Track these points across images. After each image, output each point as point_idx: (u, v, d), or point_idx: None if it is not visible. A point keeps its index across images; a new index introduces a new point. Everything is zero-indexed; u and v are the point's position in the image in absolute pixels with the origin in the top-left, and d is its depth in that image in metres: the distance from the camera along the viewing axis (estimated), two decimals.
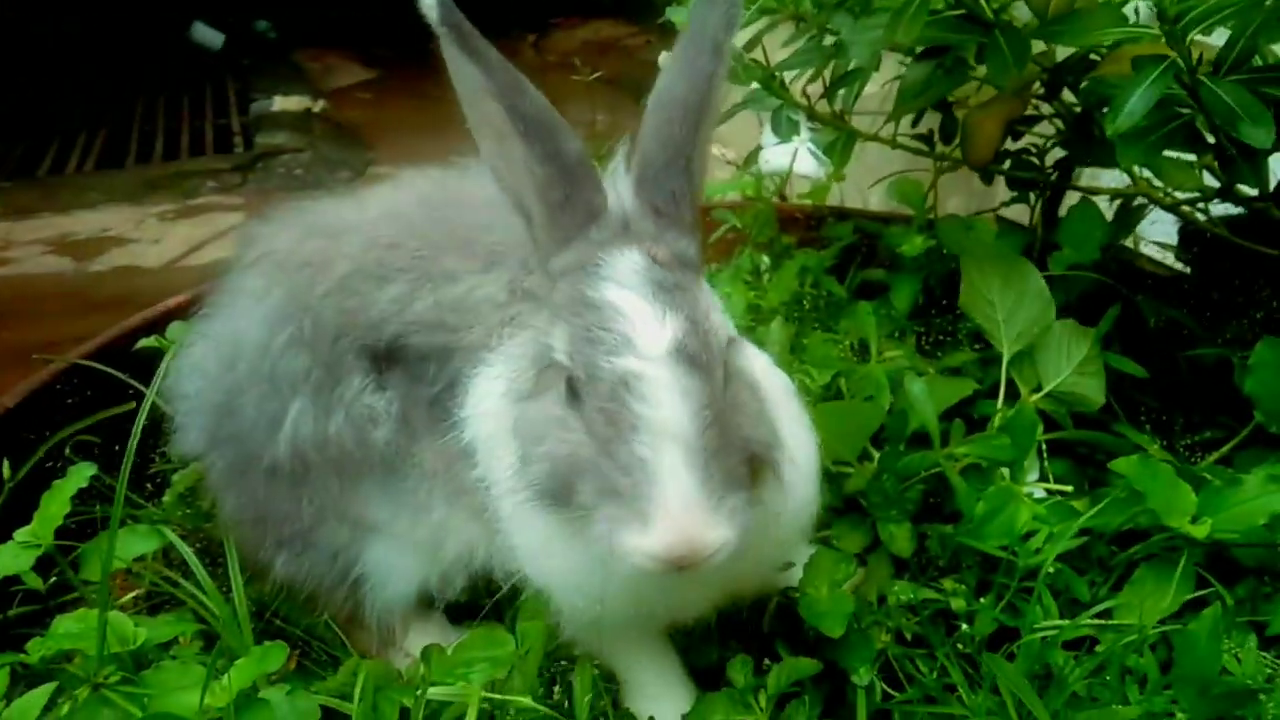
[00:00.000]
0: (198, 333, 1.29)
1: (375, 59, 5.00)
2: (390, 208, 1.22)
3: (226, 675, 1.00)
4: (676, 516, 0.82)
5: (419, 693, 1.05)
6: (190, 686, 0.94)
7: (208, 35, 4.65)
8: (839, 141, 1.71)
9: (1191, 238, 1.75)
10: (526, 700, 1.06)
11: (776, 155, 1.62)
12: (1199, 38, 1.37)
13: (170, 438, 1.28)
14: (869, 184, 1.94)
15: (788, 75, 1.71)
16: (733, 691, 1.04)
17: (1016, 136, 1.80)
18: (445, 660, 1.10)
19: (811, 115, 1.75)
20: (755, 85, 1.66)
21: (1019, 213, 1.89)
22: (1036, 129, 1.83)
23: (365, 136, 4.58)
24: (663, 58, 1.13)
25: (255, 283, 1.23)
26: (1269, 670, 1.15)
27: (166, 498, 1.34)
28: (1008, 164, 1.84)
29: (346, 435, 1.14)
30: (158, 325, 1.59)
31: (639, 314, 0.88)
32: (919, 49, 1.72)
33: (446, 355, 1.12)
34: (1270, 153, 1.43)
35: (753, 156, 1.78)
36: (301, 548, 1.20)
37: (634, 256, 0.92)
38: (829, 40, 1.69)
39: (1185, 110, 1.43)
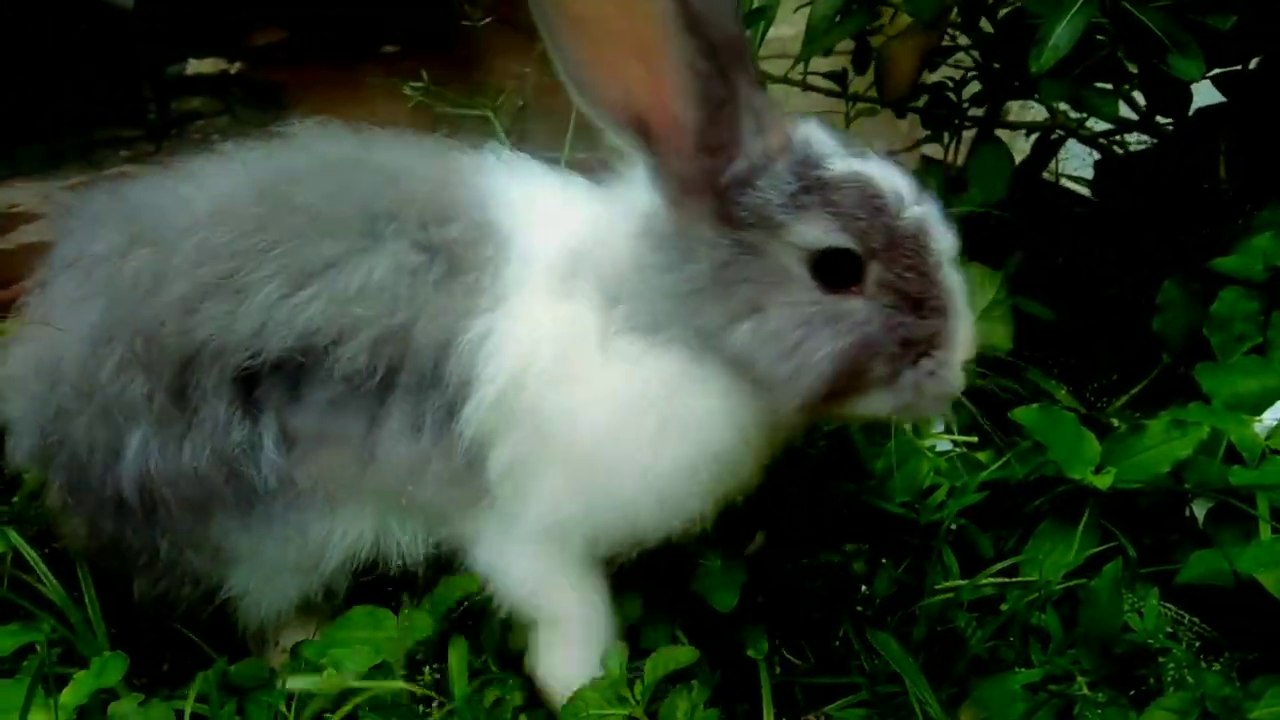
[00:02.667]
0: (18, 336, 1.13)
1: (292, 18, 4.82)
2: (222, 203, 1.02)
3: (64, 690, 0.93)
4: (969, 343, 0.94)
5: (279, 686, 0.99)
6: (10, 711, 0.86)
7: None
8: None
9: (1107, 171, 1.70)
10: (398, 684, 1.01)
11: None
12: None
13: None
14: None
15: None
16: (607, 682, 0.98)
17: (934, 69, 1.73)
18: (317, 648, 1.04)
19: None
20: None
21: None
22: (954, 60, 1.76)
23: (284, 97, 4.39)
24: None
25: (72, 290, 1.06)
26: (1170, 627, 1.11)
27: (16, 498, 1.26)
28: (924, 100, 1.77)
29: (210, 471, 1.01)
30: None
31: (888, 173, 0.93)
32: None
33: (376, 345, 0.98)
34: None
35: None
36: (159, 575, 1.09)
37: (824, 134, 0.95)
38: None
39: (1105, 39, 1.37)
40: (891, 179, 0.92)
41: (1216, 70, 1.45)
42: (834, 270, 0.91)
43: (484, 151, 1.09)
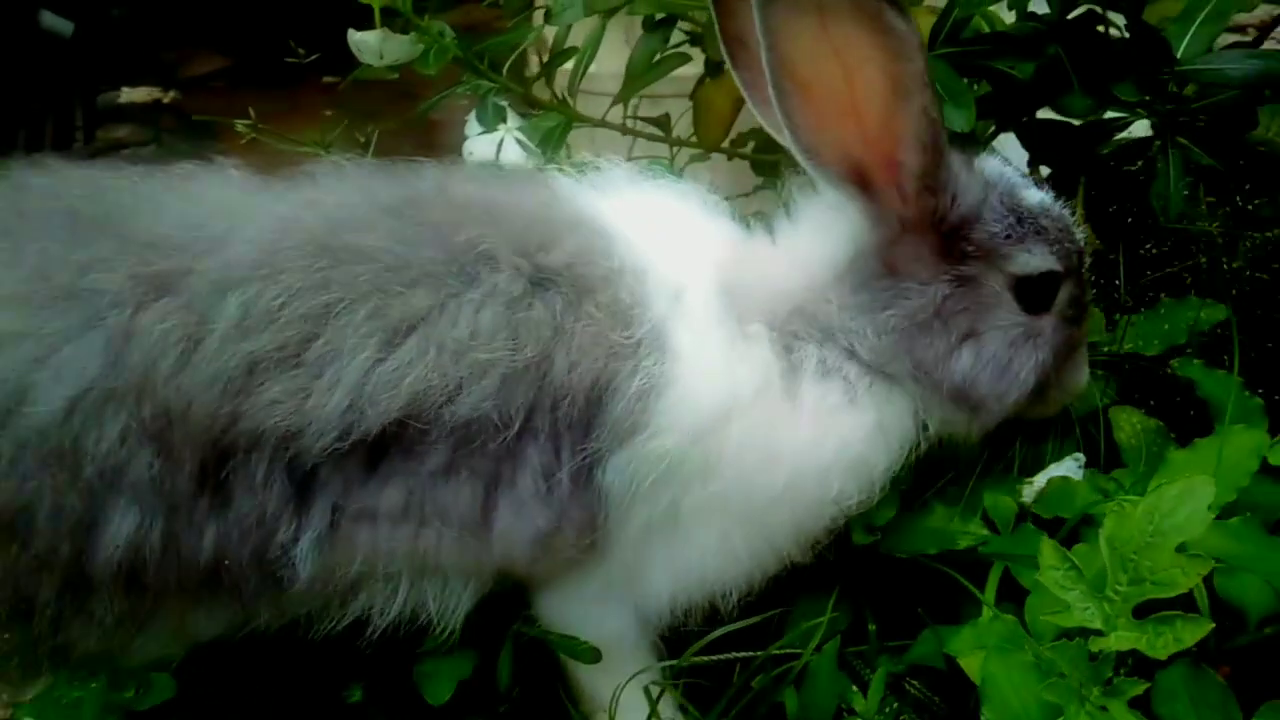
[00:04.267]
0: None
1: (233, 47, 4.83)
2: (269, 253, 0.88)
3: None
4: None
5: None
6: None
7: (57, 23, 4.45)
8: (557, 129, 1.60)
9: None
10: None
11: (480, 145, 1.50)
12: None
13: None
14: None
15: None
16: None
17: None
18: None
19: (530, 100, 1.63)
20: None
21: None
22: None
23: (216, 128, 4.38)
24: None
25: (50, 316, 0.86)
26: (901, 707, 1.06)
27: None
28: (750, 145, 1.73)
29: (234, 567, 0.89)
30: None
31: (1053, 198, 1.05)
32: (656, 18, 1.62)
33: (505, 387, 0.89)
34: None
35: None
36: (55, 632, 0.94)
37: (1004, 165, 1.06)
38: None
39: None
40: (1059, 204, 1.04)
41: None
42: (1035, 293, 1.00)
43: (580, 171, 1.07)
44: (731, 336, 0.96)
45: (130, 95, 4.29)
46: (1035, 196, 1.02)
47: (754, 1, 0.87)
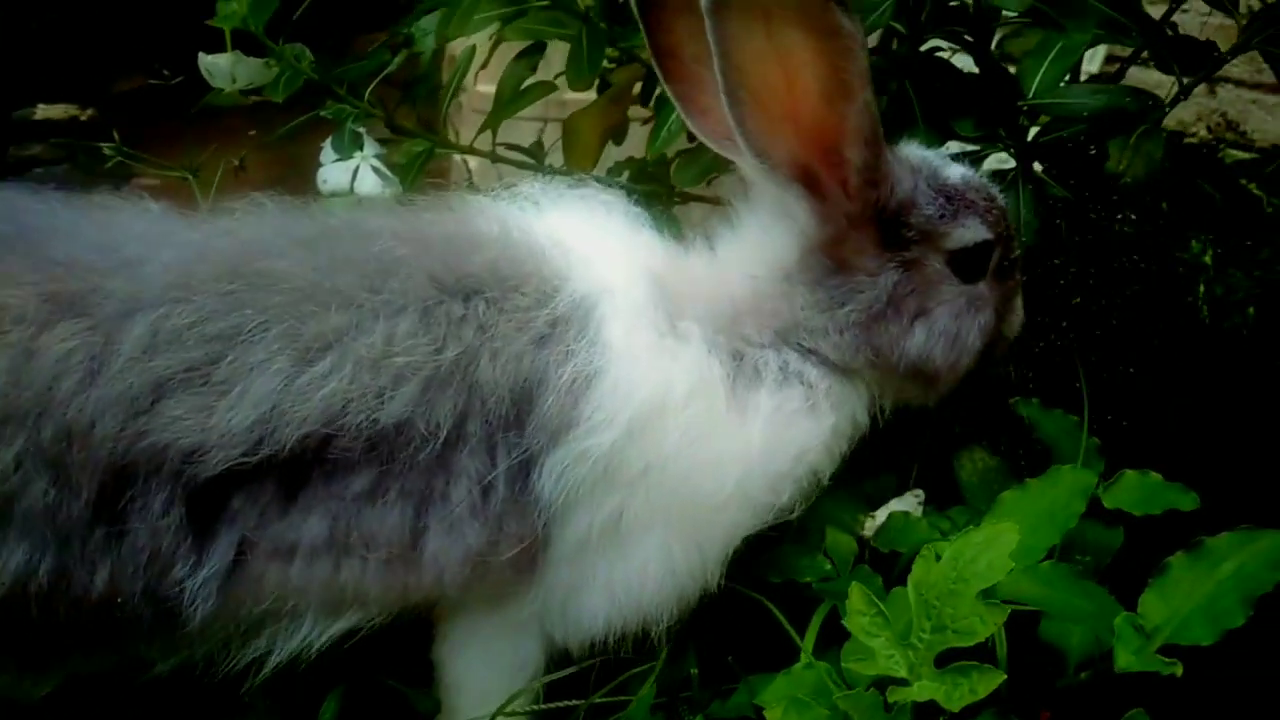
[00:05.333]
0: None
1: (158, 64, 4.75)
2: (180, 276, 0.87)
3: None
4: None
5: None
6: None
7: None
8: (419, 157, 1.57)
9: None
10: None
11: (334, 173, 1.47)
12: None
13: None
14: None
15: None
16: None
17: (620, 143, 1.68)
18: None
19: (393, 127, 1.60)
20: None
21: None
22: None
23: (134, 147, 4.29)
24: None
25: None
26: None
27: None
28: (625, 174, 1.71)
29: (127, 605, 0.85)
30: None
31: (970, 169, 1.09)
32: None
33: (429, 391, 0.86)
34: None
35: None
36: None
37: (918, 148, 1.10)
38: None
39: None
40: (977, 175, 1.09)
41: None
42: (971, 263, 1.03)
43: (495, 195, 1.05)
44: (662, 333, 0.95)
45: (46, 112, 4.19)
46: (957, 173, 1.06)
47: (705, 7, 0.87)
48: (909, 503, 1.18)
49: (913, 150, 1.08)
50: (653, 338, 0.94)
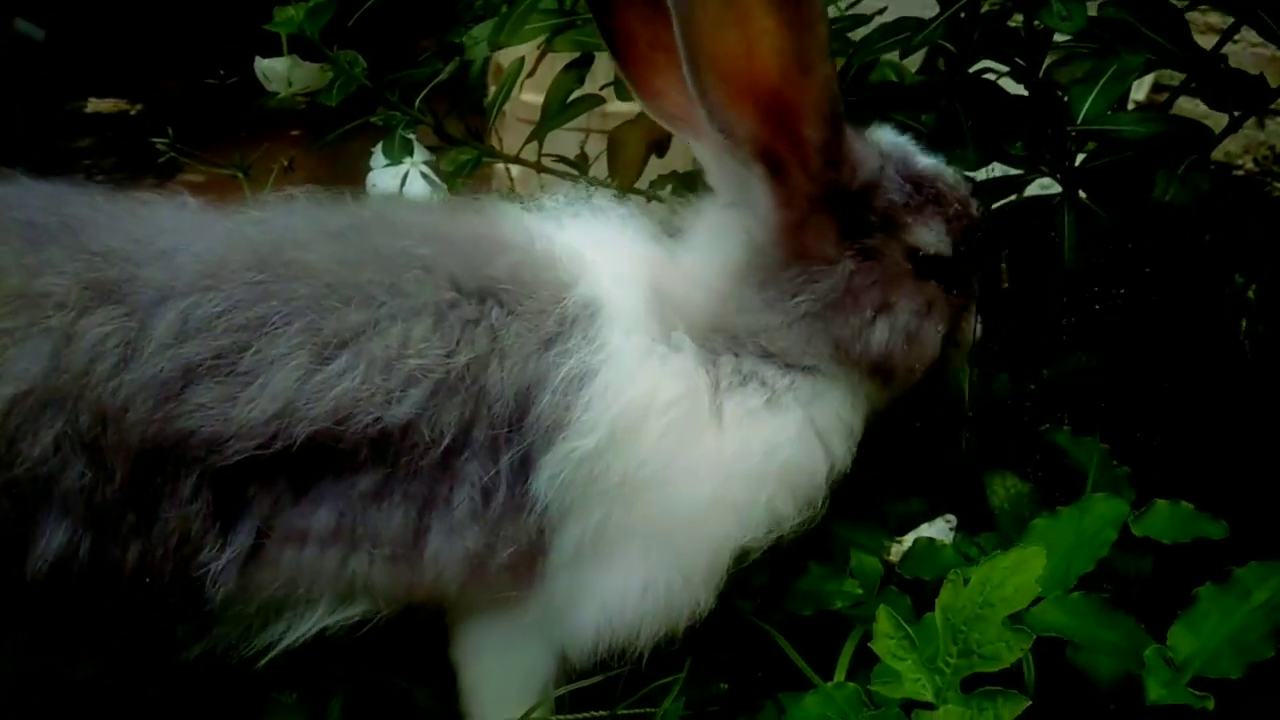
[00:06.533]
0: None
1: (204, 60, 4.82)
2: (211, 266, 0.89)
3: None
4: None
5: None
6: None
7: (30, 29, 4.45)
8: (467, 165, 1.59)
9: None
10: None
11: (383, 178, 1.49)
12: None
13: None
14: None
15: None
16: None
17: (662, 156, 1.68)
18: None
19: (442, 134, 1.62)
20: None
21: None
22: None
23: (179, 140, 4.36)
24: None
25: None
26: None
27: None
28: (669, 188, 1.72)
29: (157, 584, 0.88)
30: None
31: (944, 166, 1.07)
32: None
33: (438, 395, 0.87)
34: None
35: None
36: None
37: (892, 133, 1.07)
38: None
39: None
40: (952, 170, 1.06)
41: None
42: (929, 267, 1.01)
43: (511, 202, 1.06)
44: (655, 339, 0.95)
45: (97, 105, 4.28)
46: (929, 162, 1.03)
47: None
48: (940, 528, 1.17)
49: (885, 134, 1.05)
50: (646, 343, 0.94)
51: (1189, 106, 1.59)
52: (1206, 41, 1.41)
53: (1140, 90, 2.08)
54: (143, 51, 4.99)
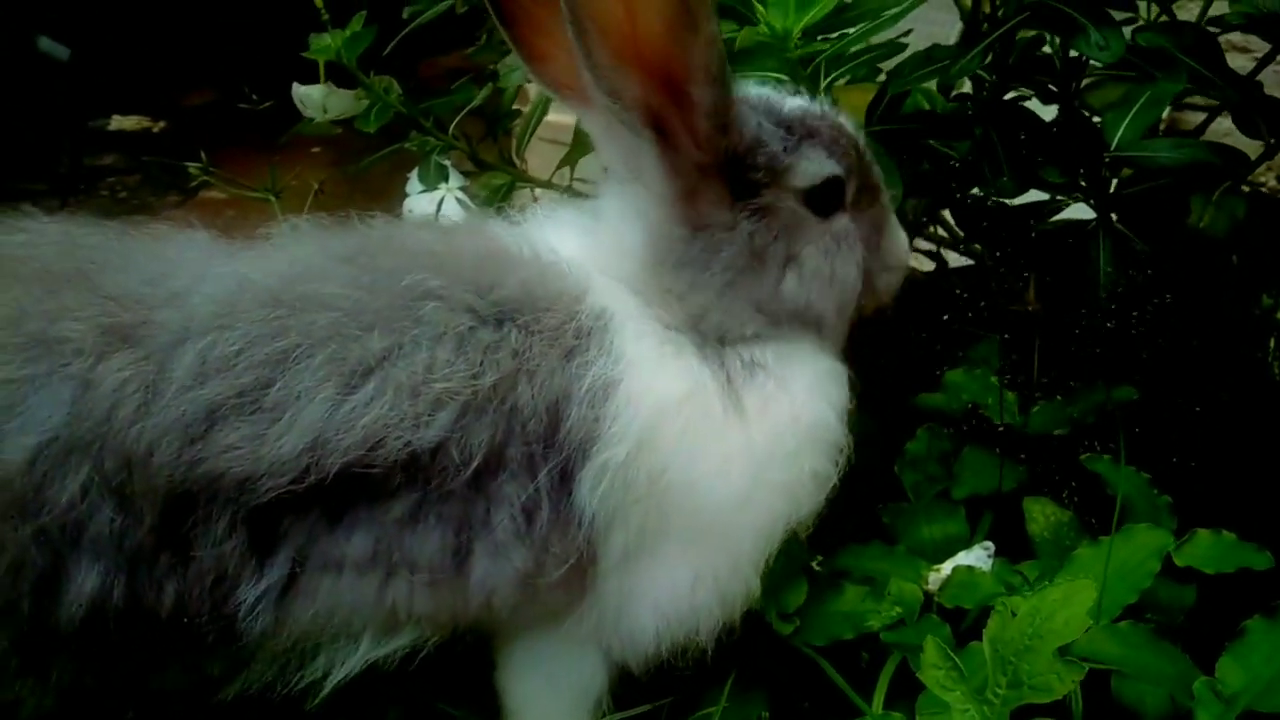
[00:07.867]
0: None
1: (226, 78, 4.86)
2: (225, 304, 0.88)
3: None
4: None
5: None
6: None
7: (54, 48, 4.49)
8: (501, 189, 1.60)
9: None
10: None
11: (420, 204, 1.50)
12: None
13: None
14: None
15: None
16: None
17: None
18: None
19: (476, 160, 1.64)
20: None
21: None
22: None
23: (198, 158, 4.38)
24: None
25: (21, 365, 0.85)
26: None
27: None
28: None
29: (196, 622, 0.87)
30: None
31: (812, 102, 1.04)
32: None
33: (467, 416, 0.87)
34: None
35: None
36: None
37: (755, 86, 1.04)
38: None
39: None
40: (819, 104, 1.03)
41: None
42: (826, 199, 0.98)
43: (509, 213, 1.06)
44: (661, 342, 0.95)
45: (120, 123, 4.31)
46: (795, 103, 1.01)
47: None
48: (978, 555, 1.17)
49: (751, 88, 1.02)
50: (655, 346, 0.94)
51: (1218, 130, 1.59)
52: (1234, 61, 1.41)
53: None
54: (166, 70, 5.03)
